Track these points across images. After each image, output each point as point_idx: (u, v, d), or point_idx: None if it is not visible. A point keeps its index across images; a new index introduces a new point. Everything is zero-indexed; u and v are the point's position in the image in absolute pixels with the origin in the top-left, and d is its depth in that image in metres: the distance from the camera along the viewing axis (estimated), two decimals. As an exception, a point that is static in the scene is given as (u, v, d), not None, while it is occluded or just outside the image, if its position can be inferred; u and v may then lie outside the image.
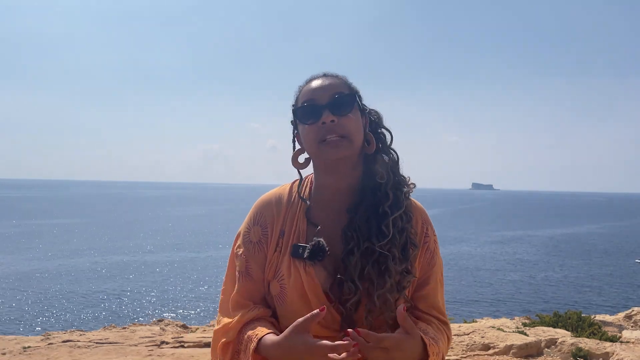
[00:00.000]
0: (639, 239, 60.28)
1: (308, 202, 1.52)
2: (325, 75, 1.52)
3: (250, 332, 1.39)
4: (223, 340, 1.45)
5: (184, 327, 7.41)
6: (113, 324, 7.32)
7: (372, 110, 1.57)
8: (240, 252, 1.53)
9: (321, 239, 1.42)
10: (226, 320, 1.47)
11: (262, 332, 1.37)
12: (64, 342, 5.75)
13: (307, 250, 1.41)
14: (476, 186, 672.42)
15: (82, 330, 6.88)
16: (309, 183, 1.59)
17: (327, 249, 1.41)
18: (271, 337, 1.34)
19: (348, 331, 1.26)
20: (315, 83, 1.49)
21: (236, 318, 1.44)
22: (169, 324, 7.41)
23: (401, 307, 1.29)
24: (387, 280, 1.38)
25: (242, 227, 1.58)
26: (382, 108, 1.58)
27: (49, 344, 5.65)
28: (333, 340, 1.32)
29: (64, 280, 29.13)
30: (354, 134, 1.44)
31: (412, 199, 1.57)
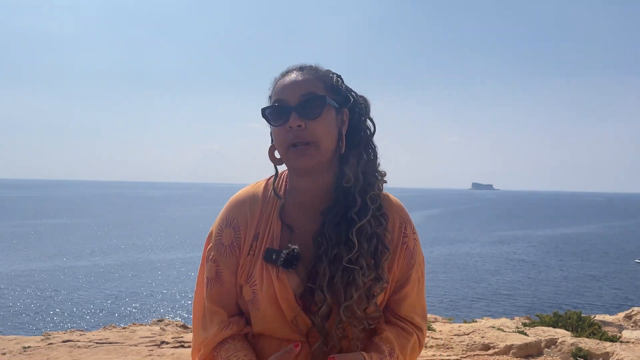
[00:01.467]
0: (639, 239, 60.31)
1: (282, 199, 1.45)
2: (300, 69, 1.42)
3: (224, 356, 1.38)
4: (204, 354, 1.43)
5: (184, 327, 7.40)
6: (113, 324, 7.32)
7: (360, 97, 1.48)
8: (212, 255, 1.46)
9: (295, 247, 1.35)
10: (200, 334, 1.44)
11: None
12: (64, 342, 5.74)
13: (280, 258, 1.35)
14: (476, 186, 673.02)
15: (82, 330, 6.87)
16: (284, 181, 1.51)
17: (300, 257, 1.35)
18: None
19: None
20: (287, 79, 1.40)
21: (210, 335, 1.41)
22: (169, 324, 7.40)
23: (290, 348, 1.32)
24: (353, 293, 1.32)
25: (213, 227, 1.51)
26: (382, 107, 1.51)
27: (49, 344, 5.65)
28: (304, 345, 1.35)
29: (64, 280, 29.15)
30: (323, 139, 1.35)
31: (390, 195, 1.50)
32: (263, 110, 1.42)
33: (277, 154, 1.46)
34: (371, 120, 1.47)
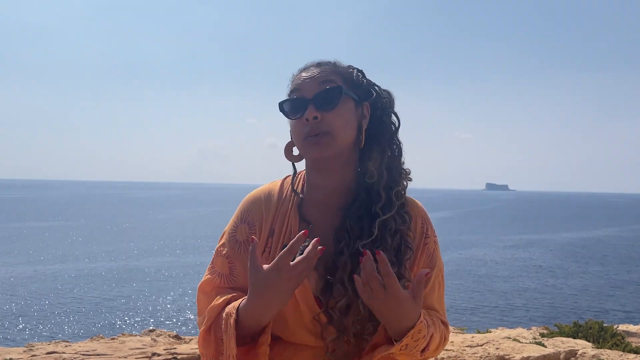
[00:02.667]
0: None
1: (300, 195, 1.50)
2: (318, 64, 1.48)
3: (227, 310, 1.37)
4: (202, 329, 1.43)
5: (177, 337, 7.40)
6: (101, 335, 7.32)
7: (384, 91, 1.52)
8: (225, 251, 1.50)
9: (314, 241, 1.37)
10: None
11: (239, 302, 1.36)
12: (48, 353, 5.75)
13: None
14: (490, 187, 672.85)
15: (67, 342, 6.88)
16: (301, 179, 1.56)
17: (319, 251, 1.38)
18: (244, 300, 1.34)
19: (375, 252, 1.27)
20: (304, 74, 1.46)
21: (212, 303, 1.42)
22: (161, 335, 7.41)
23: (425, 270, 1.29)
24: None
25: (228, 226, 1.55)
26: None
27: (32, 356, 5.65)
28: (319, 351, 1.37)
29: (48, 287, 29.17)
30: (340, 130, 1.40)
31: (411, 197, 1.55)
32: (280, 104, 1.46)
33: (295, 151, 1.52)
34: (396, 115, 1.51)
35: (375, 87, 1.51)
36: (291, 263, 1.24)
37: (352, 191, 1.47)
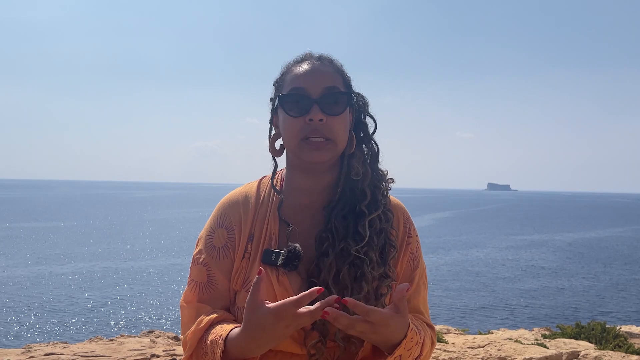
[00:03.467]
0: (668, 244, 60.17)
1: (281, 195, 1.45)
2: (320, 59, 1.44)
3: (212, 337, 1.30)
4: (184, 357, 1.37)
5: (176, 338, 7.41)
6: (99, 336, 7.33)
7: (358, 94, 1.49)
8: (202, 259, 1.44)
9: (297, 245, 1.35)
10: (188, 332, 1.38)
11: (226, 331, 1.28)
12: (46, 355, 5.76)
13: (280, 257, 1.34)
14: (492, 186, 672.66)
15: (65, 343, 6.88)
16: (279, 179, 1.51)
17: (302, 255, 1.35)
18: (236, 331, 1.26)
19: (333, 298, 1.20)
20: (308, 67, 1.41)
21: (193, 327, 1.35)
22: (160, 336, 7.41)
23: (405, 285, 1.24)
24: (363, 286, 1.33)
25: (203, 231, 1.50)
26: (390, 101, 1.52)
27: (29, 357, 5.66)
28: (303, 358, 1.33)
29: (46, 288, 29.18)
30: (341, 136, 1.38)
31: (391, 196, 1.52)
32: (280, 98, 1.41)
33: (277, 145, 1.47)
34: (372, 117, 1.49)
35: (353, 94, 1.47)
36: (297, 311, 1.16)
37: (334, 191, 1.43)
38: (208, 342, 1.30)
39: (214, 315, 1.35)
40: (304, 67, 1.41)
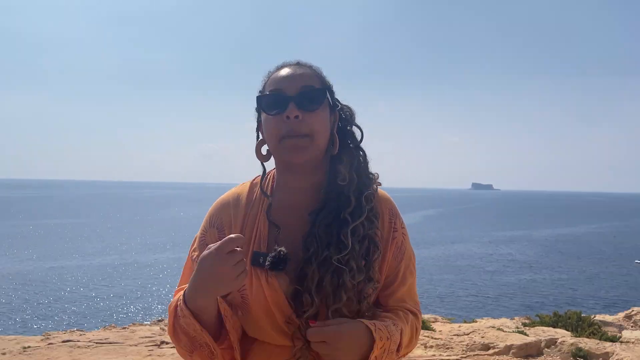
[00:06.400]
0: (639, 239, 60.32)
1: (270, 198, 1.41)
2: (298, 64, 1.41)
3: (175, 299, 1.32)
4: (168, 329, 1.36)
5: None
6: (113, 324, 7.32)
7: (345, 106, 1.46)
8: (195, 256, 1.42)
9: (282, 248, 1.31)
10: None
11: (184, 290, 1.28)
12: (63, 342, 5.74)
13: (267, 260, 1.31)
14: (476, 186, 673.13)
15: (82, 330, 6.87)
16: (271, 179, 1.48)
17: (288, 258, 1.32)
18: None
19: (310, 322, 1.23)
20: (285, 71, 1.38)
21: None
22: (169, 324, 7.40)
23: (311, 329, 1.25)
24: (342, 295, 1.28)
25: (199, 231, 1.48)
26: (384, 106, 1.50)
27: (48, 344, 5.65)
28: (290, 351, 1.31)
29: (64, 280, 29.13)
30: (319, 133, 1.34)
31: (381, 190, 1.46)
32: (258, 99, 1.39)
33: (263, 151, 1.44)
34: (358, 127, 1.46)
35: (339, 101, 1.45)
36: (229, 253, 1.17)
37: (321, 195, 1.39)
38: (176, 305, 1.30)
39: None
40: (282, 71, 1.39)
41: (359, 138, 1.44)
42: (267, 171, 1.47)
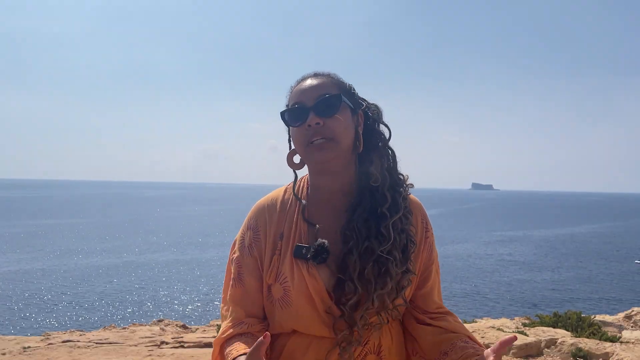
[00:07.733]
0: (639, 240, 60.29)
1: (304, 201, 1.52)
2: (315, 75, 1.51)
3: (227, 350, 1.41)
4: (215, 352, 1.49)
5: (184, 327, 7.40)
6: (113, 324, 7.32)
7: (372, 104, 1.55)
8: (235, 256, 1.54)
9: (325, 240, 1.41)
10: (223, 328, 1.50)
11: (233, 356, 1.37)
12: (63, 342, 5.75)
13: (310, 251, 1.40)
14: (476, 186, 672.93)
15: (82, 331, 6.88)
16: (305, 183, 1.58)
17: (329, 250, 1.40)
18: (241, 359, 1.34)
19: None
20: (303, 84, 1.49)
21: (219, 335, 1.46)
22: (169, 324, 7.40)
23: (512, 338, 1.32)
24: (387, 282, 1.39)
25: (238, 234, 1.59)
26: (385, 106, 1.55)
27: (48, 344, 5.65)
28: (333, 342, 1.39)
29: (63, 281, 29.12)
30: (341, 135, 1.43)
31: (410, 195, 1.57)
32: (282, 114, 1.50)
33: (295, 159, 1.54)
34: (386, 125, 1.54)
35: (365, 100, 1.54)
36: None
37: (354, 193, 1.49)
38: (225, 352, 1.41)
39: (236, 330, 1.45)
40: (300, 85, 1.49)
41: (387, 136, 1.53)
42: (298, 178, 1.58)
